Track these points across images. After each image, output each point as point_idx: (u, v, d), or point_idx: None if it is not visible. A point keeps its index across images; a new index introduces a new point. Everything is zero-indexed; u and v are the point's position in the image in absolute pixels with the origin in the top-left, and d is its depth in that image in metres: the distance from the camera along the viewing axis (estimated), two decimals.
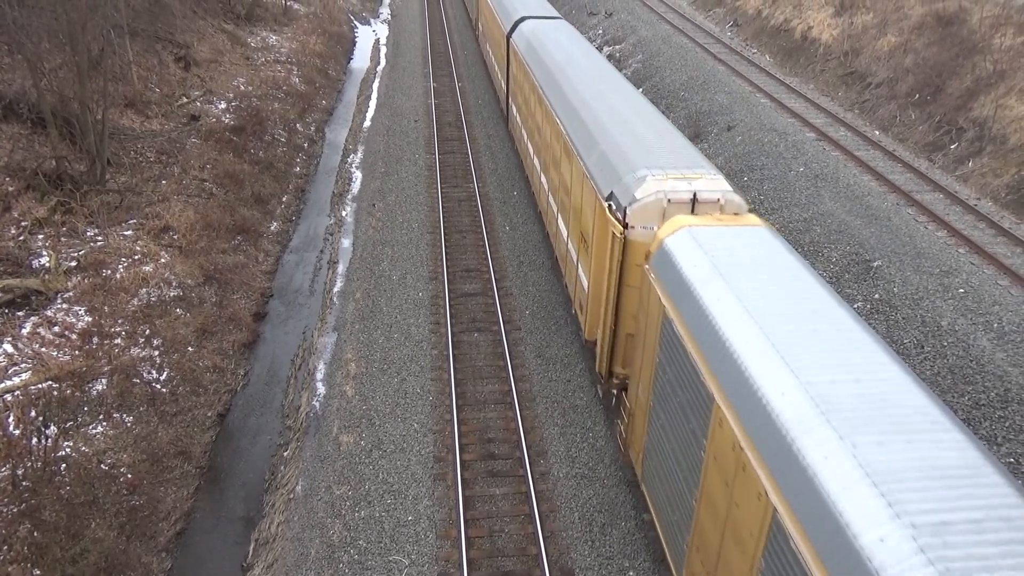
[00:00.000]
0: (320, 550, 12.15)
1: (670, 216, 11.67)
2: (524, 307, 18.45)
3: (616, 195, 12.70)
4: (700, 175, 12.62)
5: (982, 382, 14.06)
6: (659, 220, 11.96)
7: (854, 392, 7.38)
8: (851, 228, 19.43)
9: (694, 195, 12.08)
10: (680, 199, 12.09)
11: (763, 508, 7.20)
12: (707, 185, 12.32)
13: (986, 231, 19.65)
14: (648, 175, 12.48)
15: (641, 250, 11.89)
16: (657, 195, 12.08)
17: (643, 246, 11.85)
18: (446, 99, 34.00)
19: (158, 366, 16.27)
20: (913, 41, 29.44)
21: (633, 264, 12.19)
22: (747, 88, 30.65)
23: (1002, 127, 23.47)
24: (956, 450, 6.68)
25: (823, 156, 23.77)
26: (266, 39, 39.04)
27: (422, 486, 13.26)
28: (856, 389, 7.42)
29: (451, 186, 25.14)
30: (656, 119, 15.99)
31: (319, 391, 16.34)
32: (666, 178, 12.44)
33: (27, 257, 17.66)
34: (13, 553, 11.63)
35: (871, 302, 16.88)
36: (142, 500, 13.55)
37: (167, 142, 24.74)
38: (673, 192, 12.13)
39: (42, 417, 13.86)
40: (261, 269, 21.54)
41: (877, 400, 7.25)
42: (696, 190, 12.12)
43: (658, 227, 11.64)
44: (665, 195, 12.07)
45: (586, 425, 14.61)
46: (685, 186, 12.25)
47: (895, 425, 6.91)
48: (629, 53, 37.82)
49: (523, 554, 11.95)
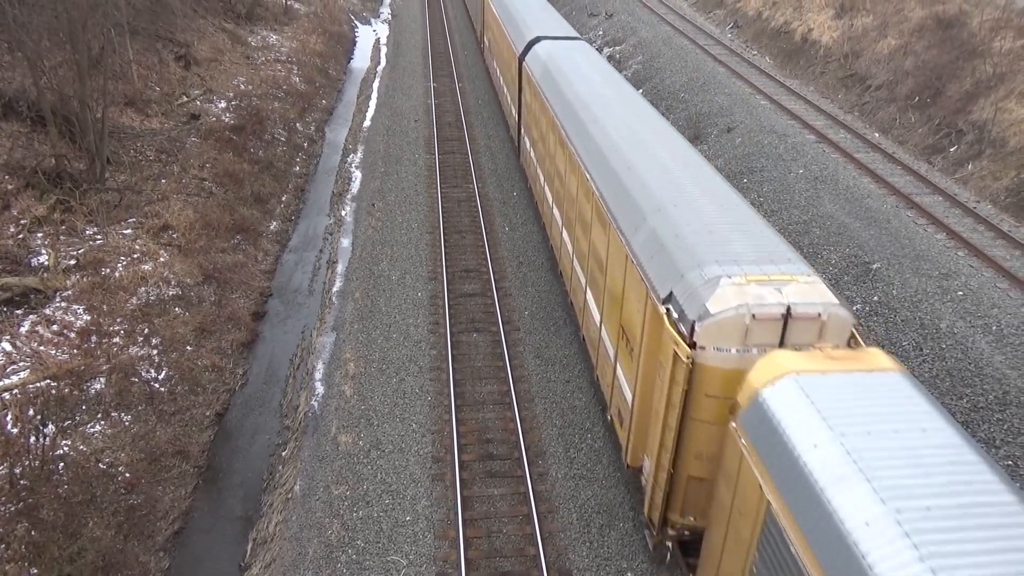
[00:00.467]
0: (318, 550, 12.14)
1: (754, 336, 9.13)
2: (523, 308, 18.45)
3: (678, 299, 9.83)
4: (790, 276, 9.69)
5: (981, 385, 14.07)
6: (739, 341, 9.22)
7: None
8: (850, 230, 19.44)
9: (787, 309, 9.15)
10: (768, 314, 9.13)
11: None
12: (803, 293, 9.37)
13: (985, 234, 19.66)
14: (722, 275, 9.61)
15: (713, 377, 9.30)
16: (738, 311, 9.13)
17: (716, 372, 9.27)
18: (446, 99, 34.00)
19: (157, 365, 16.26)
20: (913, 44, 29.47)
21: (703, 394, 9.45)
22: (747, 90, 30.66)
23: (1002, 130, 23.49)
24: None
25: (823, 158, 23.79)
26: (266, 38, 39.03)
27: (420, 486, 13.25)
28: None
29: (451, 186, 25.14)
30: (716, 183, 12.77)
31: (318, 391, 16.34)
32: (746, 280, 9.56)
33: (26, 255, 17.65)
34: (11, 552, 11.62)
35: (870, 304, 16.89)
36: (140, 499, 13.54)
37: (167, 141, 24.73)
38: (759, 305, 9.17)
39: (40, 416, 13.84)
40: (260, 268, 21.54)
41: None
42: (790, 302, 9.19)
43: (737, 349, 9.17)
44: (748, 309, 9.12)
45: (584, 426, 14.61)
46: (774, 296, 9.32)
47: None
48: (629, 54, 37.84)
49: (521, 555, 11.94)
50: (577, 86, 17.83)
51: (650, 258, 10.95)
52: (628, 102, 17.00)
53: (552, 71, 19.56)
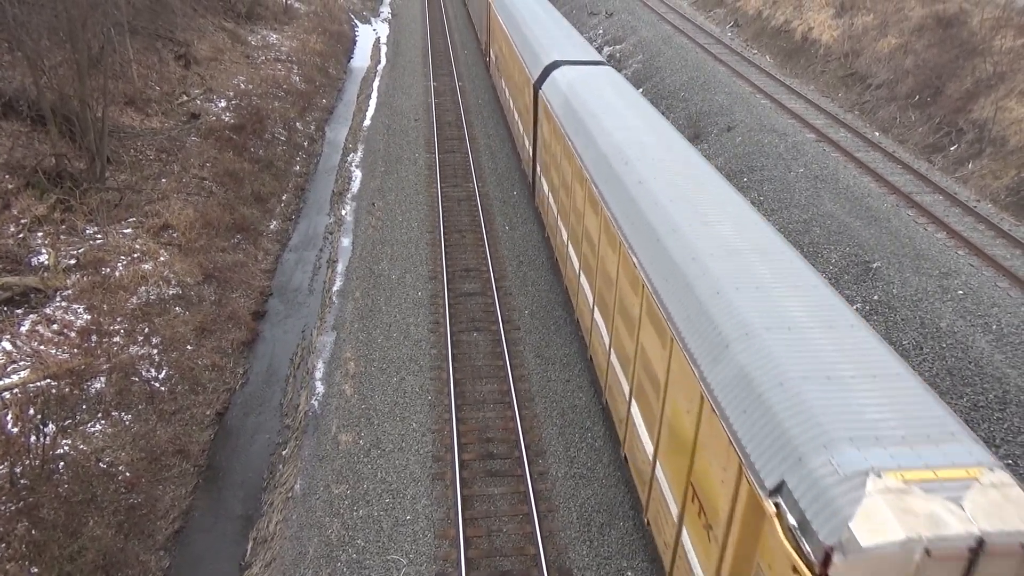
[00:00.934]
0: (318, 549, 12.15)
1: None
2: (523, 307, 18.45)
3: (795, 496, 6.43)
4: (966, 471, 6.31)
5: (981, 384, 14.07)
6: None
7: None
8: (851, 229, 19.44)
9: (979, 542, 5.82)
10: (950, 552, 5.83)
11: None
12: (996, 509, 6.01)
13: (985, 233, 19.66)
14: (867, 471, 6.23)
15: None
16: (905, 545, 5.75)
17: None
18: (446, 98, 33.99)
19: (157, 364, 16.26)
20: (913, 42, 29.46)
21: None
22: (747, 89, 30.66)
23: (1002, 129, 23.48)
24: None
25: (823, 157, 23.78)
26: (266, 37, 39.02)
27: (420, 485, 13.26)
28: None
29: (451, 185, 25.14)
30: (821, 291, 9.11)
31: (318, 390, 16.34)
32: (904, 481, 6.15)
33: (26, 255, 17.65)
34: (11, 551, 11.62)
35: (870, 303, 16.89)
36: (140, 498, 13.55)
37: (167, 140, 24.73)
38: (935, 535, 5.79)
39: (40, 415, 13.85)
40: (260, 268, 21.54)
41: None
42: (982, 531, 5.83)
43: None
44: (921, 543, 5.76)
45: (585, 425, 14.62)
46: (955, 519, 5.91)
47: None
48: (629, 53, 37.83)
49: (521, 554, 11.95)
50: (612, 132, 14.35)
51: (741, 412, 7.55)
52: (676, 152, 13.62)
53: (577, 108, 16.24)
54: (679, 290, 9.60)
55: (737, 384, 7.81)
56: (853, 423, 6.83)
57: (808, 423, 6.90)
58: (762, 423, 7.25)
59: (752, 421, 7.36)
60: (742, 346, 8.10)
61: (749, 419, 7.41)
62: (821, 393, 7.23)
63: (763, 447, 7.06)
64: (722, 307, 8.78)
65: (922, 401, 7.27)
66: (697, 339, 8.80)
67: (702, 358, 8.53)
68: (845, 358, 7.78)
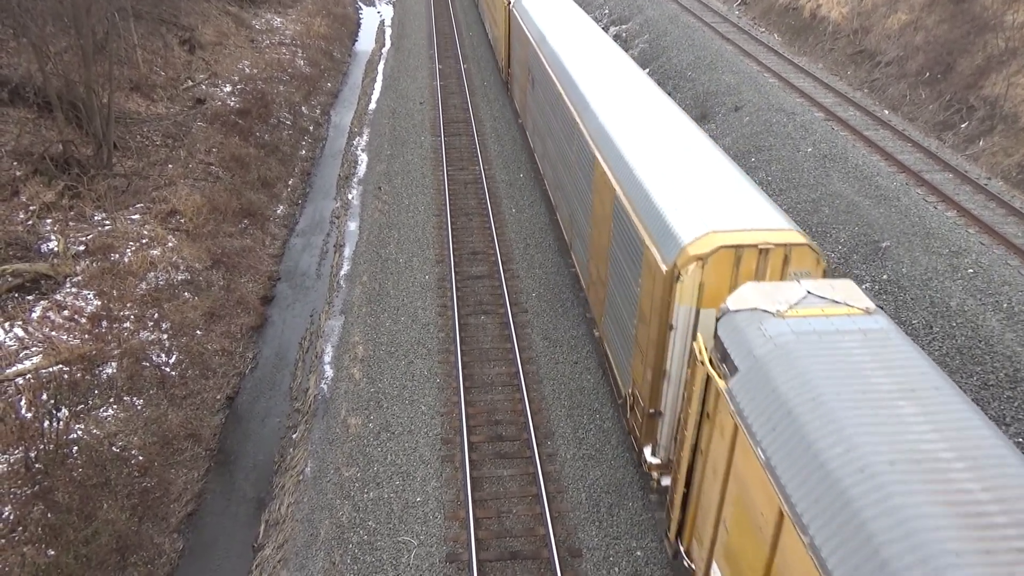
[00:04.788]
0: (330, 531, 12.26)
1: None
2: (531, 289, 18.45)
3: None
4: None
5: (991, 362, 14.01)
6: None
7: None
8: (860, 208, 19.31)
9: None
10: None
11: None
12: None
13: (996, 211, 19.49)
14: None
15: None
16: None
17: None
18: (451, 81, 33.81)
19: (167, 349, 16.37)
20: (924, 19, 29.07)
21: None
22: (755, 68, 30.36)
23: (1013, 106, 23.21)
24: None
25: (832, 136, 23.58)
26: (270, 21, 38.84)
27: (430, 467, 13.34)
28: None
29: (457, 168, 25.07)
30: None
31: (327, 374, 16.42)
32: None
33: (36, 241, 17.74)
34: (28, 534, 11.78)
35: (879, 283, 16.81)
36: (153, 482, 13.69)
37: (173, 126, 24.72)
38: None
39: (53, 400, 13.98)
40: (268, 252, 21.59)
41: None
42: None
43: None
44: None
45: (593, 407, 14.65)
46: None
47: None
48: (636, 33, 37.49)
49: (531, 534, 12.03)
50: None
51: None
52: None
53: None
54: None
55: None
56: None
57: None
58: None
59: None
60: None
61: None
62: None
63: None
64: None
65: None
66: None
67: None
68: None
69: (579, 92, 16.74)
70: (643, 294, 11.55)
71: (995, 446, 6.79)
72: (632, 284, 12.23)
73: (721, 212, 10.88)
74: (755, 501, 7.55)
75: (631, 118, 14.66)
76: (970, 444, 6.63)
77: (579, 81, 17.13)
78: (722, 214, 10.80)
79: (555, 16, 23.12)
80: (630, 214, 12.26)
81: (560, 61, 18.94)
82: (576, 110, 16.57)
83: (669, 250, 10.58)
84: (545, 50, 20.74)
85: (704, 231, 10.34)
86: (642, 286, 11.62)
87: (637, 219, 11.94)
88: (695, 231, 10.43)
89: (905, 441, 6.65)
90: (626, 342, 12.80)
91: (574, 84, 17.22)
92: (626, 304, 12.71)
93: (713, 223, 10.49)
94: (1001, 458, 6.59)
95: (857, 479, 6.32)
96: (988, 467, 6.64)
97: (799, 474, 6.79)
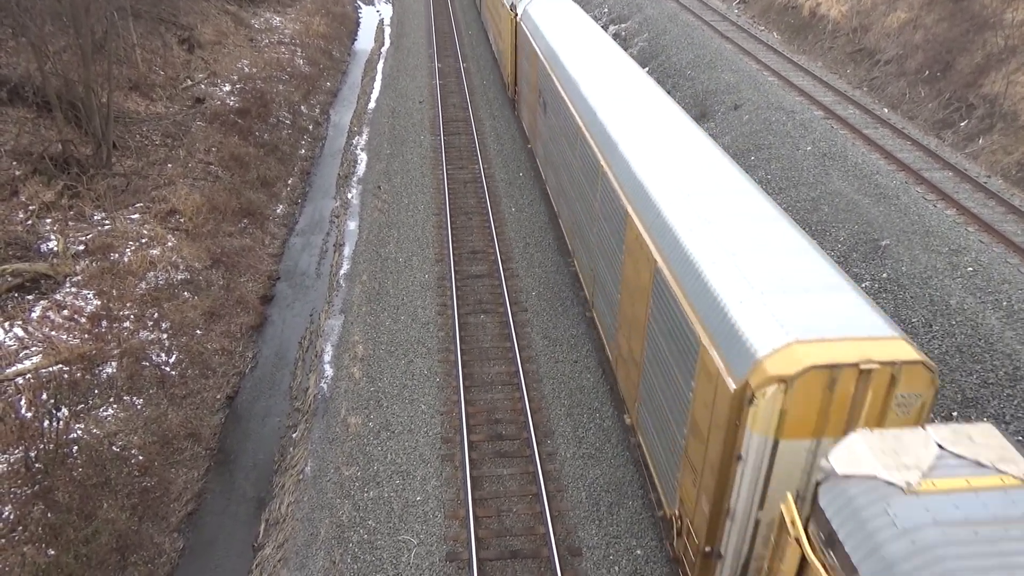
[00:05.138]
0: (330, 530, 12.27)
1: None
2: (530, 288, 18.45)
3: None
4: None
5: (991, 360, 14.02)
6: None
7: None
8: (859, 207, 19.31)
9: None
10: None
11: None
12: None
13: (996, 209, 19.50)
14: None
15: None
16: None
17: None
18: (451, 80, 33.80)
19: (167, 349, 16.36)
20: (923, 17, 29.07)
21: None
22: (754, 66, 30.35)
23: (1013, 104, 23.21)
24: None
25: (831, 135, 23.58)
26: (269, 20, 38.82)
27: (430, 467, 13.35)
28: None
29: (456, 167, 25.06)
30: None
31: (327, 373, 16.42)
32: None
33: (35, 241, 17.73)
34: (28, 534, 11.78)
35: (879, 281, 16.81)
36: (153, 481, 13.69)
37: (172, 125, 24.71)
38: None
39: (53, 400, 13.98)
40: (268, 252, 21.58)
41: None
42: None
43: None
44: None
45: (593, 406, 14.66)
46: None
47: None
48: (635, 32, 37.47)
49: (531, 533, 12.04)
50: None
51: None
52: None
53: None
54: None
55: None
56: None
57: None
58: None
59: None
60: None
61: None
62: None
63: None
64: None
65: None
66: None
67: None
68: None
69: (605, 133, 14.26)
70: (698, 402, 9.28)
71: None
72: (681, 383, 9.91)
73: (803, 308, 8.60)
74: None
75: (672, 169, 12.17)
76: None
77: (604, 119, 14.61)
78: (805, 312, 8.53)
79: (569, 33, 20.84)
80: (678, 298, 9.87)
81: (579, 91, 16.59)
82: (602, 153, 14.12)
83: (738, 361, 8.31)
84: (560, 74, 18.38)
85: (785, 340, 8.08)
86: (696, 392, 9.34)
87: (688, 307, 9.58)
88: (773, 339, 8.14)
89: None
90: (671, 451, 10.50)
91: (599, 123, 14.76)
92: (672, 405, 10.37)
93: (795, 327, 8.24)
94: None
95: None
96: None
97: None
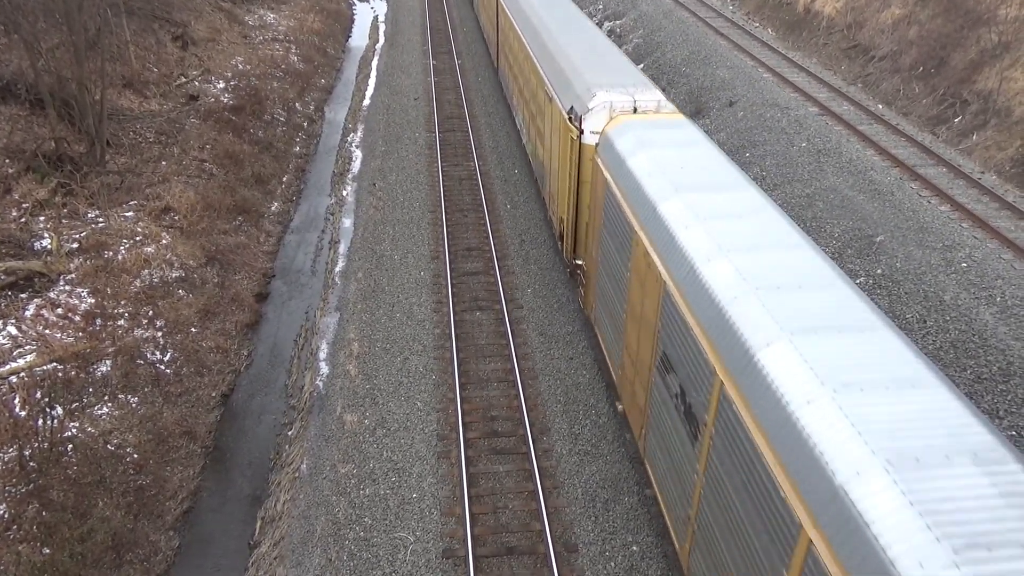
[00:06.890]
0: (326, 527, 12.26)
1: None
2: (526, 285, 18.45)
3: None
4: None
5: (984, 356, 14.08)
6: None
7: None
8: (854, 203, 19.35)
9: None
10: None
11: None
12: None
13: (989, 205, 19.56)
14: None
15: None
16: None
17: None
18: (446, 77, 33.74)
19: (162, 347, 16.32)
20: (917, 13, 29.11)
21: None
22: (749, 63, 30.37)
23: (1007, 100, 23.27)
24: None
25: (826, 131, 23.62)
26: (264, 17, 38.69)
27: (426, 464, 13.35)
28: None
29: (452, 164, 25.03)
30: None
31: (322, 371, 16.40)
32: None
33: (29, 239, 17.66)
34: (22, 532, 11.76)
35: (873, 277, 16.85)
36: (148, 479, 13.67)
37: (166, 122, 24.62)
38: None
39: (48, 398, 13.94)
40: (263, 249, 21.54)
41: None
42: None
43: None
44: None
45: (589, 402, 14.67)
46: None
47: None
48: (630, 28, 37.45)
49: (527, 530, 12.05)
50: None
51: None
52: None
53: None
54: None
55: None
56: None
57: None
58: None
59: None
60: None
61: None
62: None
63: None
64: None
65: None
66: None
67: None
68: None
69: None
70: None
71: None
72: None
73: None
74: None
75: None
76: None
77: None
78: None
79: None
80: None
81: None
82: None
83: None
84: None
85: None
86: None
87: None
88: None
89: None
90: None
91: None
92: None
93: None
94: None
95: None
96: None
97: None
